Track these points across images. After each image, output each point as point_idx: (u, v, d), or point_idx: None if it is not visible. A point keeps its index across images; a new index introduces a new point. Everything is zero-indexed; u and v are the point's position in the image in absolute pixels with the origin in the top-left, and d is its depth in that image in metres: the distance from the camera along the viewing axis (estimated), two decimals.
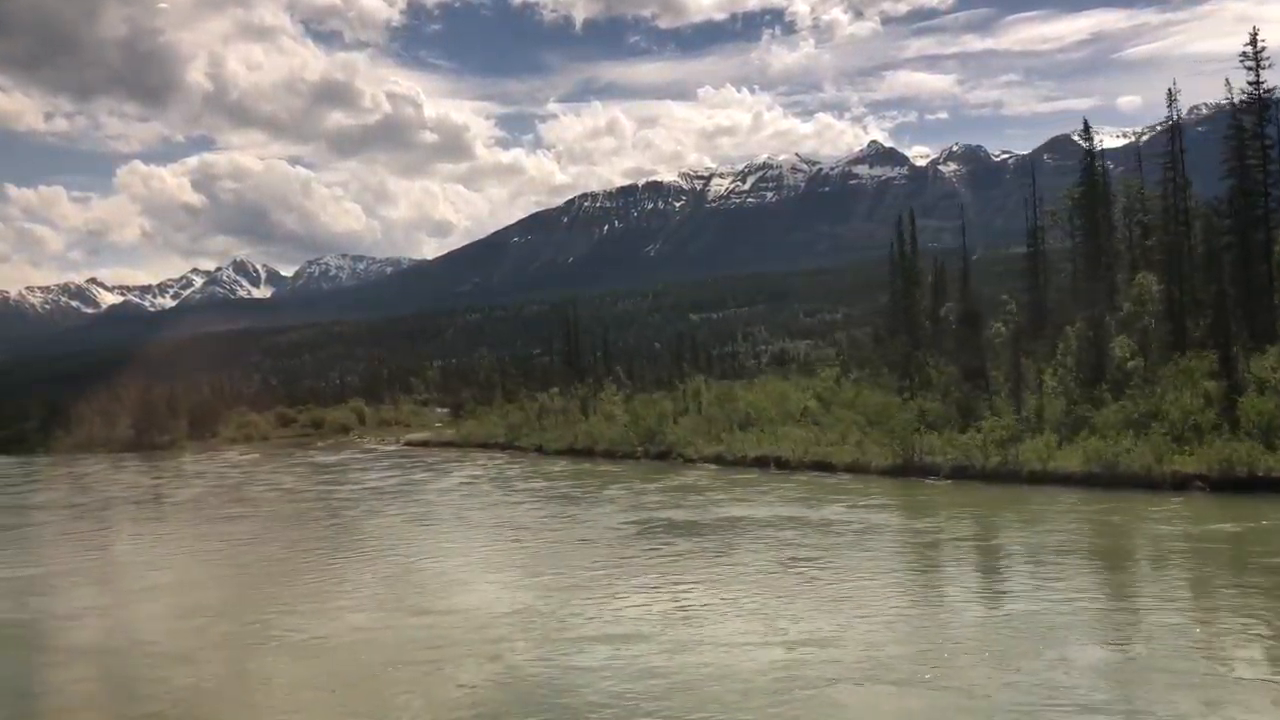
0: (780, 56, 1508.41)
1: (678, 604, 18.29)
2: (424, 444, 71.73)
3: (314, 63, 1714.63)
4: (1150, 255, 45.31)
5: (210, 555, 26.84)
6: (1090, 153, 50.47)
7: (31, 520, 36.46)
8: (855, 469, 36.70)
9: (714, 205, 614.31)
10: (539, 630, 16.65)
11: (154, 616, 19.35)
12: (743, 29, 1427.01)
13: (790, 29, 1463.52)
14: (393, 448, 71.28)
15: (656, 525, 27.70)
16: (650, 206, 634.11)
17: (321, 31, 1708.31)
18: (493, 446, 63.00)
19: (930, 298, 55.83)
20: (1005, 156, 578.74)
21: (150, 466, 64.77)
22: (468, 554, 24.40)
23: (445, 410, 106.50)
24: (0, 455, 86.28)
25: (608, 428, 53.88)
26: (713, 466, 42.87)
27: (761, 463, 40.84)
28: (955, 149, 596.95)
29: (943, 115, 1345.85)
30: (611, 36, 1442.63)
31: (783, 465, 39.56)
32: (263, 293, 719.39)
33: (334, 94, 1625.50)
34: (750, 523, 27.51)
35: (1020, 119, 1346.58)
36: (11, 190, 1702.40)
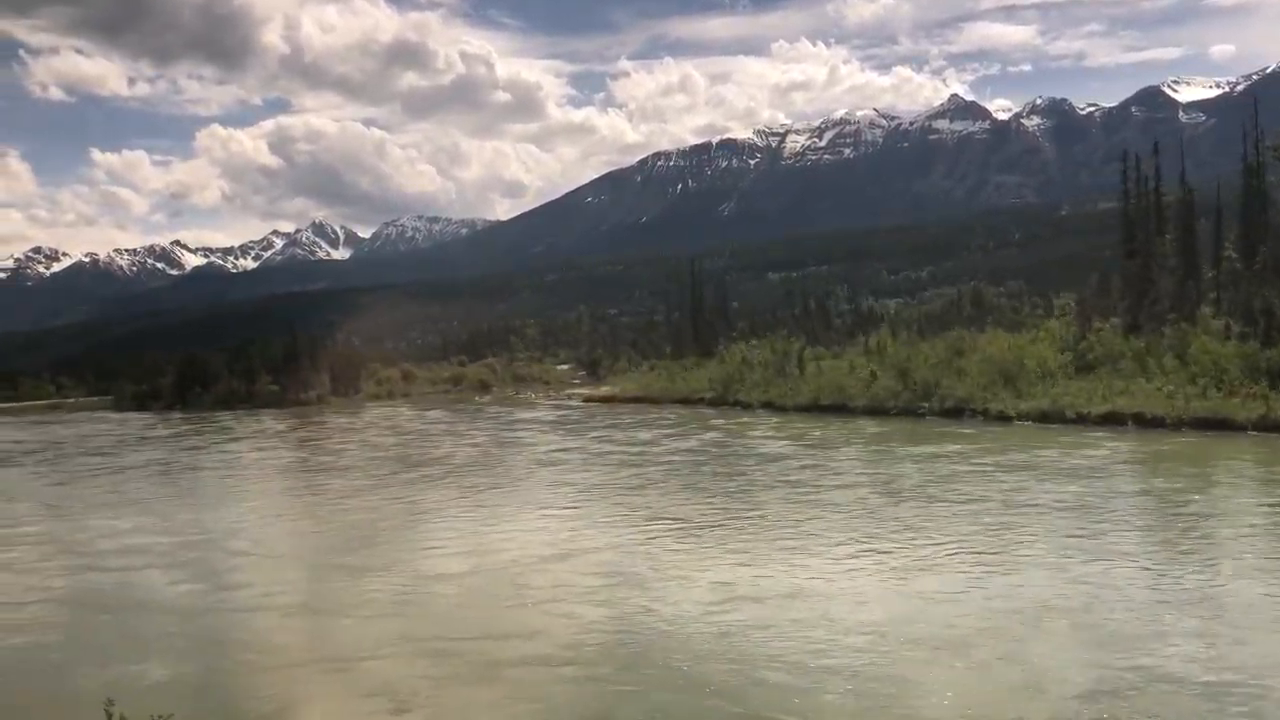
0: (856, 8, 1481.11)
1: None
2: (608, 400, 67.34)
3: (387, 23, 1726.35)
4: None
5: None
6: None
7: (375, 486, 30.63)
8: (1265, 426, 31.87)
9: (790, 162, 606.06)
10: None
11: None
12: None
13: None
14: (578, 404, 67.99)
15: None
16: (724, 165, 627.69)
17: None
18: (696, 402, 58.85)
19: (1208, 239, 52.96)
20: (1091, 109, 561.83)
21: (343, 423, 60.89)
22: (1124, 557, 16.73)
23: (566, 367, 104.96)
24: (135, 411, 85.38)
25: (853, 381, 49.83)
26: (1035, 424, 37.71)
27: (1112, 420, 35.34)
28: (1039, 102, 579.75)
29: (1025, 67, 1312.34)
30: None
31: (1146, 423, 34.16)
32: (341, 254, 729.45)
33: (407, 54, 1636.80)
34: None
35: (1104, 71, 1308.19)
36: (96, 154, 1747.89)
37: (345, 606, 15.69)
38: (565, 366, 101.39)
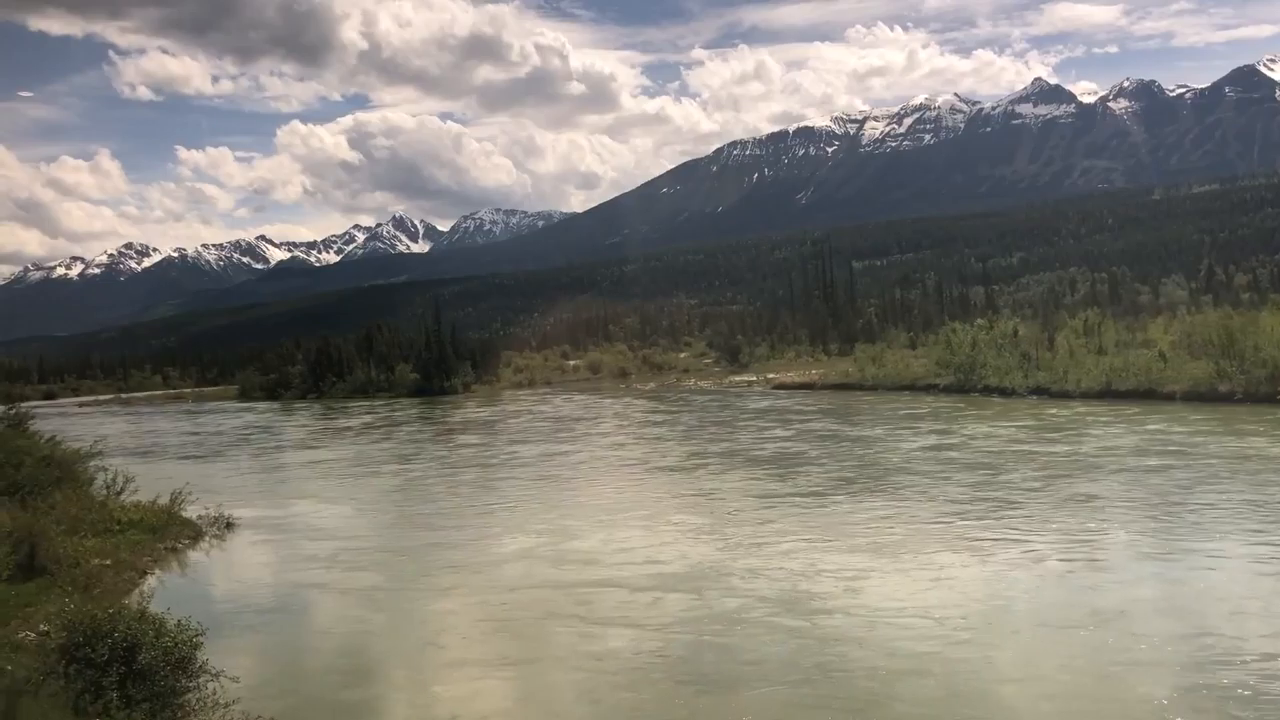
0: None
1: None
2: (805, 386, 63.32)
3: (463, 17, 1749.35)
4: None
5: None
6: None
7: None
8: None
9: (868, 149, 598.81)
10: None
11: None
12: None
13: None
14: (780, 392, 62.89)
15: None
16: (801, 152, 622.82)
17: None
18: (925, 389, 54.28)
19: None
20: (1181, 91, 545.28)
21: (547, 411, 56.63)
22: None
23: (685, 354, 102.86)
24: (265, 400, 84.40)
25: (1143, 360, 45.10)
26: None
27: None
28: (1126, 84, 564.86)
29: (1111, 49, 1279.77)
30: None
31: None
32: (421, 247, 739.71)
33: (483, 48, 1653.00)
34: None
35: (1194, 50, 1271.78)
36: (182, 152, 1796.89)
37: None
38: (684, 354, 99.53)
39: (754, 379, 74.57)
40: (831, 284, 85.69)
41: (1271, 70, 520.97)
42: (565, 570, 17.88)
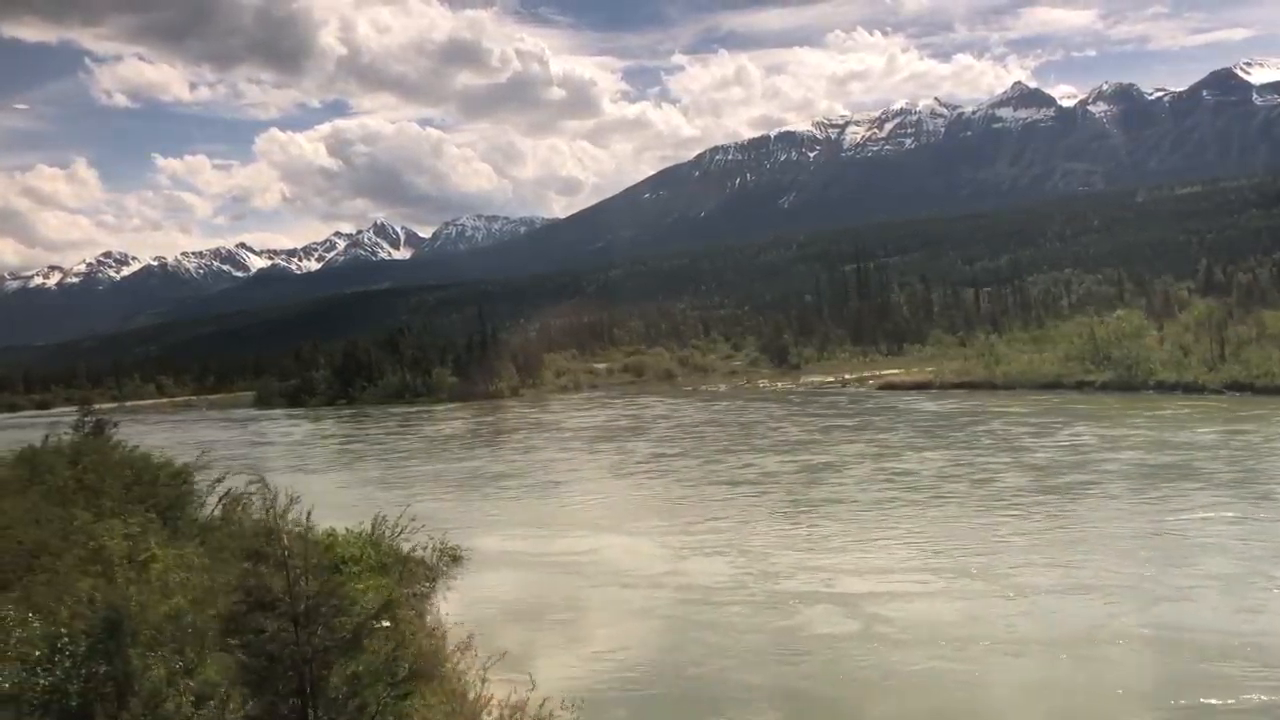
0: None
1: None
2: (921, 386, 59.73)
3: (441, 22, 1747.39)
4: None
5: None
6: None
7: None
8: None
9: (849, 154, 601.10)
10: None
11: None
12: None
13: None
14: (889, 390, 59.81)
15: None
16: (783, 157, 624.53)
17: None
18: (1071, 386, 51.21)
19: None
20: (1160, 94, 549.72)
21: (663, 413, 51.59)
22: None
23: (712, 356, 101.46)
24: (293, 407, 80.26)
25: None
26: None
27: None
28: (1104, 88, 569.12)
29: (1089, 52, 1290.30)
30: None
31: None
32: (402, 254, 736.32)
33: (462, 53, 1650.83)
34: None
35: (1169, 54, 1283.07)
36: (159, 160, 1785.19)
37: None
38: (710, 355, 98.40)
39: (831, 379, 70.67)
40: (867, 283, 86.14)
41: (1248, 74, 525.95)
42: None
